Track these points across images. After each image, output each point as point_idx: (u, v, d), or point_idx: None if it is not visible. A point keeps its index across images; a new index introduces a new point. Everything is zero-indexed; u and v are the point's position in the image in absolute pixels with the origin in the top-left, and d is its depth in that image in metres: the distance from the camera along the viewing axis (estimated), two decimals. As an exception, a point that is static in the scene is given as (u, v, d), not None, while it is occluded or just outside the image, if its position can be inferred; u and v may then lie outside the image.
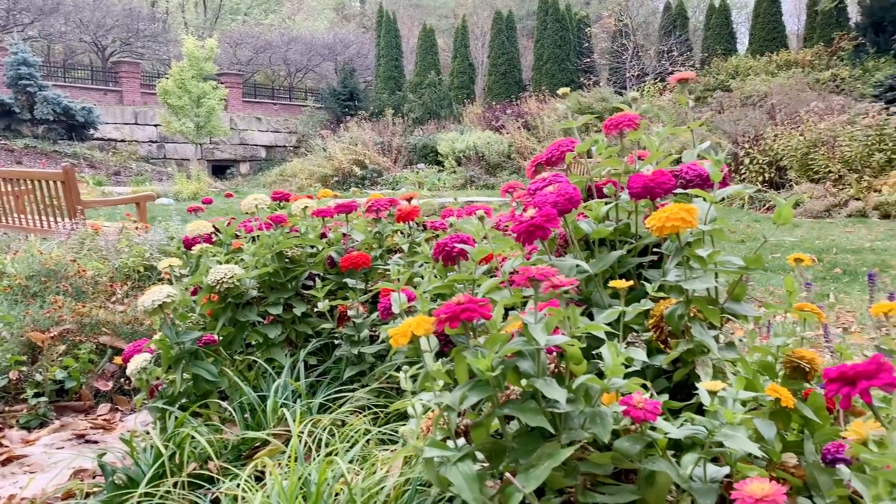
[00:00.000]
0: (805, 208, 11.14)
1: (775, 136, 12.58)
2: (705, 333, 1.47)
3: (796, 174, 11.97)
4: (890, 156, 10.96)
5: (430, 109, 21.38)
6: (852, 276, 6.55)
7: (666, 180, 1.76)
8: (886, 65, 15.59)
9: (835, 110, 12.64)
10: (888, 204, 10.37)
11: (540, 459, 1.14)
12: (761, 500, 1.03)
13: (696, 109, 15.69)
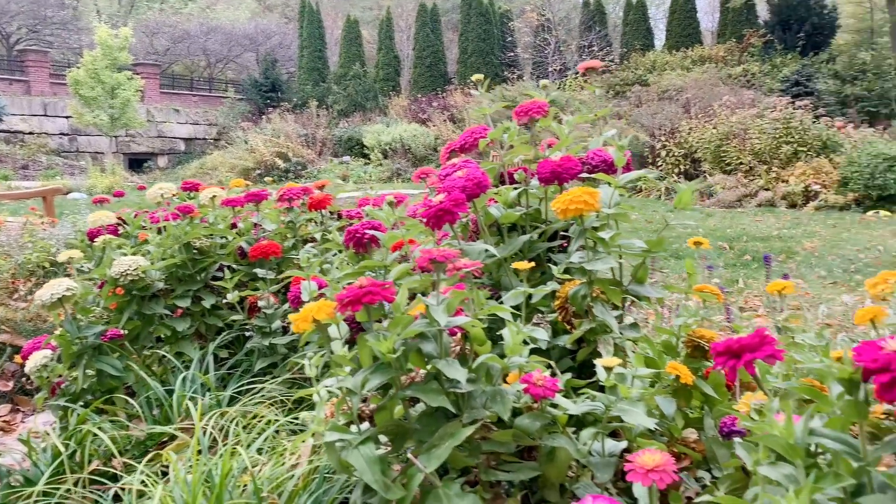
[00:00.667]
0: (718, 199, 11.58)
1: (690, 129, 13.01)
2: (607, 313, 1.50)
3: (710, 166, 12.41)
4: (796, 148, 11.50)
5: (356, 101, 21.18)
6: (761, 262, 6.83)
7: (573, 166, 1.79)
8: (792, 61, 16.33)
9: (745, 104, 13.17)
10: (794, 194, 10.88)
11: (442, 439, 1.14)
12: (652, 470, 1.06)
13: (616, 103, 16.06)
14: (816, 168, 11.07)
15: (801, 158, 11.39)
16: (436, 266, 1.20)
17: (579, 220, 1.57)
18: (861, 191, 10.24)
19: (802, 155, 11.42)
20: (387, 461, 1.18)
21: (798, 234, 8.48)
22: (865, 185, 10.16)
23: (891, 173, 9.90)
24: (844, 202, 10.36)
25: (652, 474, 1.06)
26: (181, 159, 21.40)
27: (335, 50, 24.59)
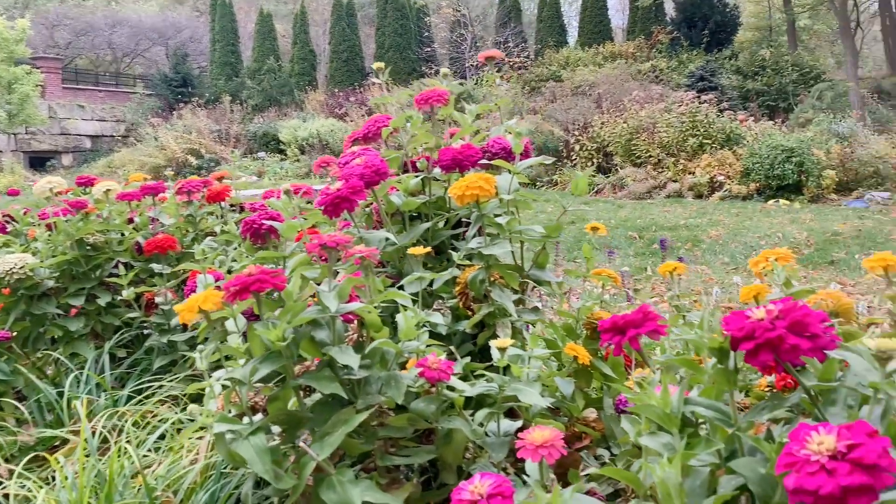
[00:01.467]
0: (629, 191, 11.93)
1: (602, 123, 13.35)
2: (505, 297, 1.52)
3: (621, 159, 12.77)
4: (702, 140, 11.96)
5: (271, 96, 20.76)
6: (668, 250, 7.08)
7: (473, 153, 1.80)
8: (697, 57, 16.98)
9: (654, 99, 13.61)
10: (700, 185, 11.32)
11: (335, 426, 1.13)
12: (541, 445, 1.08)
13: (532, 99, 16.31)
14: (721, 160, 11.55)
15: (706, 151, 11.85)
16: (328, 252, 1.18)
17: (477, 205, 1.59)
18: (762, 181, 10.74)
19: (707, 147, 11.89)
20: (279, 451, 1.16)
21: (704, 223, 8.84)
22: (766, 175, 10.66)
23: (788, 164, 10.43)
24: (747, 192, 10.85)
25: (541, 450, 1.08)
26: (87, 157, 20.46)
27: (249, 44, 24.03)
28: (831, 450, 0.76)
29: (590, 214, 10.19)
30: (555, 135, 13.71)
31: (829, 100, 14.20)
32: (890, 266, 1.47)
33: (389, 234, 1.62)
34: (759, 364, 0.90)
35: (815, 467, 0.75)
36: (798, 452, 0.78)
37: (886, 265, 1.46)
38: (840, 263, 6.25)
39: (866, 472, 0.73)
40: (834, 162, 10.64)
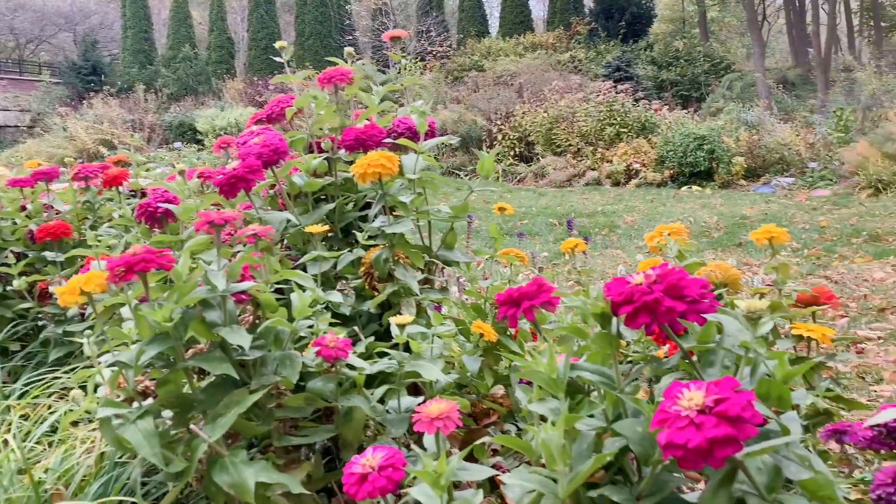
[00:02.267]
0: (550, 179, 12.14)
1: (523, 112, 13.52)
2: (409, 276, 1.52)
3: (542, 148, 12.97)
4: (619, 129, 12.26)
5: (187, 85, 20.13)
6: (586, 236, 7.23)
7: (377, 133, 1.79)
8: (615, 48, 17.40)
9: (573, 89, 13.86)
10: (618, 172, 11.62)
11: (227, 407, 1.10)
12: (437, 417, 1.09)
13: (455, 88, 16.35)
14: (636, 148, 11.87)
15: (623, 139, 12.16)
16: (216, 230, 1.15)
17: (380, 184, 1.58)
18: (676, 168, 11.10)
19: (624, 136, 12.20)
20: (170, 436, 1.13)
21: (620, 209, 9.07)
22: (679, 162, 11.02)
23: (700, 151, 10.81)
24: (661, 179, 11.19)
25: (436, 422, 1.09)
26: (-11, 148, 19.39)
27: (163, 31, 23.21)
28: (700, 405, 0.78)
29: (512, 203, 10.32)
30: (478, 124, 13.80)
31: (739, 89, 14.79)
32: (774, 237, 1.54)
33: (291, 215, 1.59)
34: (638, 326, 0.93)
35: (685, 422, 0.78)
36: (670, 409, 0.81)
37: (771, 237, 1.53)
38: (747, 245, 6.52)
39: (731, 424, 0.76)
40: (743, 149, 11.09)
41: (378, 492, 0.95)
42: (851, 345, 3.17)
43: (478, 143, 13.70)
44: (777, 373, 0.93)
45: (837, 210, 8.02)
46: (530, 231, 7.73)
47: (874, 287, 4.43)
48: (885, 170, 9.01)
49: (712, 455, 0.76)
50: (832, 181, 9.83)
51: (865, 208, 7.95)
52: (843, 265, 5.26)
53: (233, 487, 1.06)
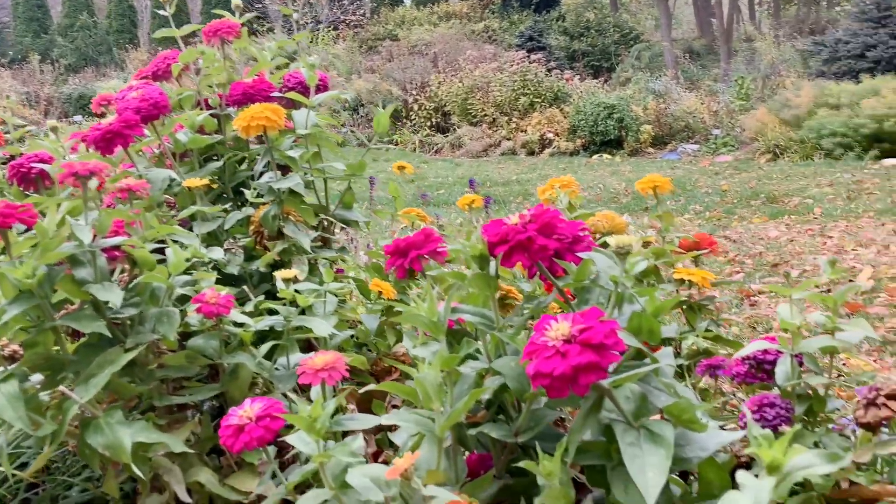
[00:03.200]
0: (466, 149, 12.18)
1: (439, 83, 13.47)
2: (300, 233, 1.49)
3: (458, 118, 12.98)
4: (532, 99, 12.39)
5: (87, 55, 19.12)
6: (501, 204, 7.31)
7: (265, 87, 1.74)
8: (527, 18, 17.51)
9: (487, 59, 13.89)
10: (532, 142, 11.76)
11: (101, 367, 1.06)
12: (322, 369, 1.07)
13: (369, 58, 16.13)
14: (550, 118, 12.03)
15: (536, 109, 12.30)
16: (80, 180, 1.09)
17: (266, 138, 1.53)
18: (587, 137, 11.32)
19: (538, 106, 12.33)
20: (38, 399, 1.08)
21: (534, 177, 9.20)
22: (590, 131, 11.25)
23: (610, 120, 11.06)
24: (574, 148, 11.40)
25: (321, 373, 1.07)
26: None
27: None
28: (566, 335, 0.80)
29: (428, 173, 10.32)
30: (393, 94, 13.67)
31: (647, 59, 15.16)
32: (659, 186, 1.58)
33: (174, 173, 1.52)
34: (512, 265, 0.93)
35: (552, 352, 0.79)
36: (538, 341, 0.82)
37: (655, 186, 1.57)
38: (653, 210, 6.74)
39: (594, 351, 0.78)
40: (651, 118, 11.41)
41: (256, 442, 0.93)
42: (745, 297, 3.33)
43: (394, 113, 13.58)
44: (648, 307, 0.96)
45: (738, 174, 8.36)
46: (447, 201, 7.75)
47: (769, 244, 4.65)
48: (782, 135, 9.45)
49: (577, 382, 0.77)
50: (734, 147, 10.24)
51: (764, 172, 8.33)
52: (741, 225, 5.50)
53: (108, 448, 1.02)
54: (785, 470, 0.56)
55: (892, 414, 0.94)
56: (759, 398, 1.05)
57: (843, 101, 9.23)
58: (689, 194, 7.28)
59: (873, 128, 8.64)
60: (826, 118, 9.08)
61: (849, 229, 4.98)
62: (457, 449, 0.98)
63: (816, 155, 8.97)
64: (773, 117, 9.71)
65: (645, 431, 0.82)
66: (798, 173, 7.98)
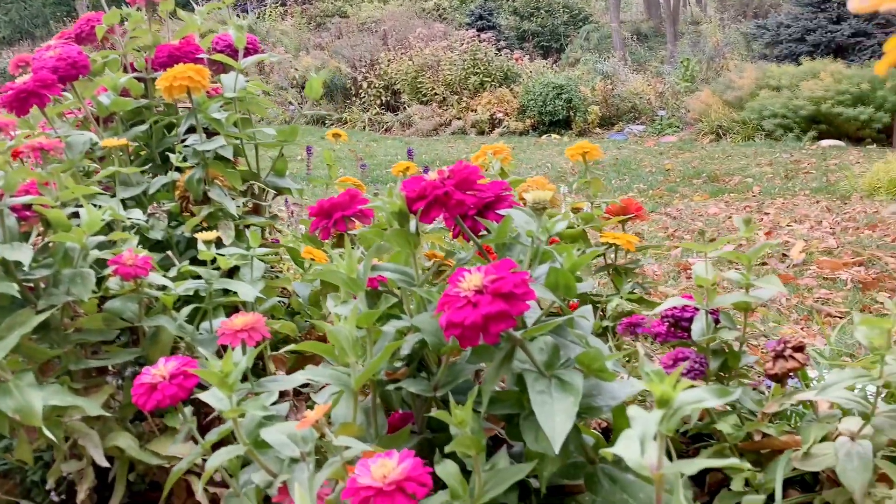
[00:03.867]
0: (416, 128, 12.11)
1: (389, 60, 13.32)
2: (225, 198, 1.46)
3: (408, 97, 12.88)
4: (482, 79, 12.36)
5: (21, 28, 18.36)
6: (449, 181, 7.28)
7: (192, 49, 1.70)
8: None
9: (437, 37, 13.79)
10: (482, 121, 11.76)
11: (10, 329, 1.02)
12: (241, 329, 1.06)
13: (318, 34, 15.87)
14: (500, 98, 12.03)
15: (486, 89, 12.28)
16: (-14, 136, 1.05)
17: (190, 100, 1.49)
18: (536, 117, 11.37)
19: (488, 85, 12.32)
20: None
21: (484, 156, 9.21)
22: (539, 111, 11.29)
23: (559, 101, 11.12)
24: (523, 128, 11.44)
25: (241, 334, 1.06)
26: None
27: (-11, -34, 20.94)
28: (478, 286, 0.80)
29: (377, 151, 10.24)
30: (342, 71, 13.48)
31: (596, 41, 15.27)
32: (588, 153, 1.60)
33: (95, 135, 1.48)
34: (430, 220, 0.93)
35: (463, 302, 0.80)
36: (451, 292, 0.82)
37: (584, 152, 1.59)
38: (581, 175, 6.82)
39: (504, 301, 0.78)
40: (598, 98, 11.50)
41: (168, 400, 0.91)
42: (683, 269, 3.40)
43: (343, 92, 13.42)
44: (566, 263, 0.97)
45: (682, 154, 8.52)
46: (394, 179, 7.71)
47: (707, 221, 4.76)
48: (725, 116, 9.65)
49: (488, 331, 0.78)
50: (679, 128, 10.42)
51: (706, 152, 8.50)
52: (682, 203, 5.61)
53: (18, 412, 0.99)
54: (675, 404, 0.57)
55: (798, 365, 0.97)
56: (675, 353, 1.07)
57: (783, 84, 9.45)
58: (633, 173, 7.38)
59: (811, 109, 8.88)
60: (767, 100, 9.30)
61: (785, 206, 5.13)
62: (377, 405, 0.98)
63: (758, 136, 9.19)
64: (716, 99, 9.90)
65: (556, 380, 0.83)
66: (739, 153, 8.17)
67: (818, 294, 2.95)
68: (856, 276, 3.12)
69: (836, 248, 3.69)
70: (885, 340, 0.84)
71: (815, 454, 0.96)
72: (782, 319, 2.65)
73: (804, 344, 0.99)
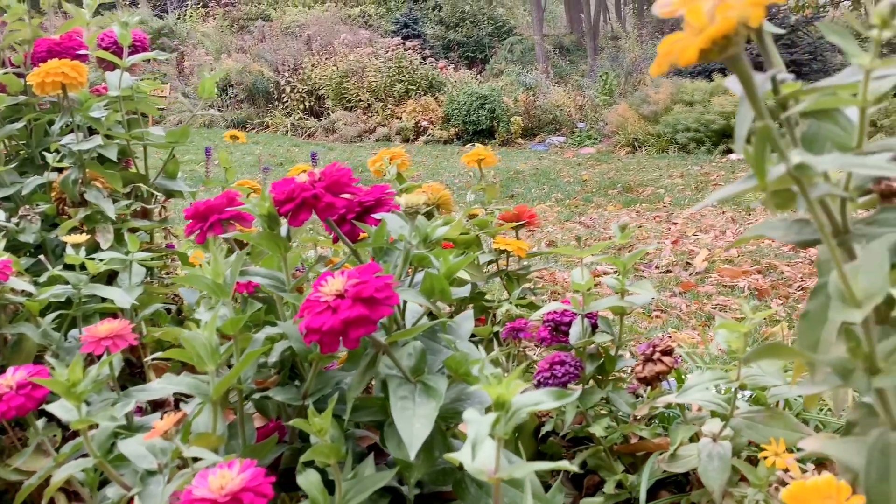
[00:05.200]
0: (340, 134, 12.02)
1: (313, 65, 13.18)
2: (103, 199, 1.40)
3: (333, 102, 12.77)
4: (408, 86, 12.38)
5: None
6: (370, 188, 7.24)
7: (75, 44, 1.63)
8: (404, 5, 17.46)
9: (362, 43, 13.73)
10: (407, 129, 11.76)
11: None
12: (105, 337, 1.01)
13: (240, 37, 15.57)
14: (425, 106, 12.07)
15: (411, 96, 12.31)
16: None
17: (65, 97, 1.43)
18: (461, 126, 11.45)
19: (413, 93, 12.34)
20: None
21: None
22: (464, 121, 11.38)
23: (483, 111, 11.24)
24: (448, 136, 11.50)
25: (104, 341, 1.01)
26: None
27: None
28: (339, 290, 0.78)
29: (299, 157, 10.09)
30: (265, 75, 13.26)
31: (519, 53, 15.52)
32: (483, 160, 1.60)
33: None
34: (300, 223, 0.91)
35: (323, 307, 0.78)
36: (313, 297, 0.80)
37: (479, 159, 1.60)
38: (518, 197, 6.92)
39: (365, 305, 0.77)
40: (521, 109, 11.68)
41: (14, 411, 0.86)
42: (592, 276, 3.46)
43: (265, 96, 13.20)
44: (442, 268, 0.96)
45: (599, 165, 8.73)
46: (315, 184, 7.61)
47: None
48: (641, 129, 9.95)
49: (347, 336, 0.76)
50: (597, 140, 10.68)
51: (622, 164, 8.74)
52: (596, 212, 5.75)
53: None
54: (512, 406, 0.57)
55: (665, 368, 0.99)
56: (552, 357, 1.08)
57: (696, 99, 9.82)
58: (552, 183, 7.52)
59: (722, 124, 9.26)
60: (681, 114, 9.64)
61: (692, 217, 5.31)
62: (245, 415, 0.95)
63: (671, 148, 9.51)
64: (633, 112, 10.20)
65: (421, 385, 0.82)
66: (653, 165, 8.43)
67: (717, 301, 3.06)
68: (752, 284, 3.25)
69: (736, 256, 3.84)
70: (741, 344, 0.87)
71: (681, 455, 0.98)
72: (681, 325, 2.74)
73: (672, 347, 1.01)
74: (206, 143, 9.02)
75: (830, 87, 0.43)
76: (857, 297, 0.40)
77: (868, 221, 0.46)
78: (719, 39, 0.37)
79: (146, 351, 1.43)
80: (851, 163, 0.41)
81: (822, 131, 0.48)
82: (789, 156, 0.41)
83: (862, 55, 0.43)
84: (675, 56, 0.39)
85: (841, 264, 0.42)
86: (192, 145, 9.59)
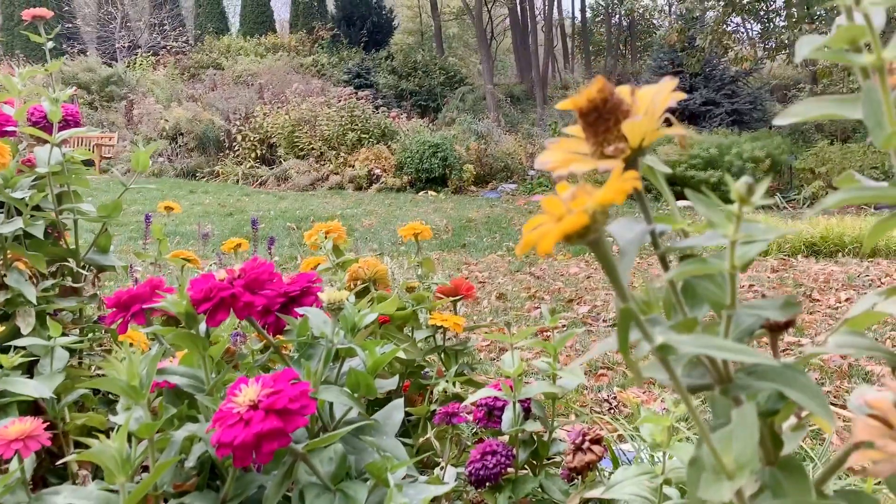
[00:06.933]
0: (293, 183, 11.99)
1: (265, 114, 13.19)
2: (24, 283, 1.35)
3: (285, 151, 12.76)
4: (360, 135, 12.46)
5: None
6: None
7: (2, 120, 1.59)
8: (357, 55, 17.69)
9: (315, 92, 13.83)
10: (360, 177, 11.80)
11: None
12: (16, 439, 0.96)
13: (191, 86, 15.53)
14: (377, 154, 12.14)
15: (364, 145, 12.37)
16: None
17: (-12, 178, 1.39)
18: (413, 174, 11.53)
19: (366, 142, 12.42)
20: None
21: (360, 212, 9.21)
22: (416, 168, 11.47)
23: (435, 159, 11.35)
24: (401, 184, 11.56)
25: (14, 444, 0.96)
26: None
27: None
28: (253, 400, 0.76)
29: (249, 206, 10.01)
30: (215, 124, 13.21)
31: (471, 102, 15.79)
32: (420, 234, 1.60)
33: None
34: (217, 323, 0.89)
35: (235, 419, 0.75)
36: (225, 407, 0.77)
37: (416, 233, 1.60)
38: (470, 246, 6.95)
39: (279, 417, 0.75)
40: (473, 157, 11.84)
41: None
42: (539, 333, 3.48)
43: (216, 144, 13.12)
44: (368, 361, 0.95)
45: (550, 213, 8.85)
46: (266, 235, 7.54)
47: (567, 280, 4.93)
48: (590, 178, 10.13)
49: (260, 450, 0.74)
50: (548, 187, 10.84)
51: (572, 211, 8.87)
52: (546, 263, 5.80)
53: None
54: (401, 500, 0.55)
55: (595, 458, 0.99)
56: (484, 446, 1.07)
57: (641, 147, 10.09)
58: (504, 231, 7.59)
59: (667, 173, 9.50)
60: (627, 162, 9.87)
61: (640, 266, 5.40)
62: (162, 522, 0.91)
63: (619, 196, 9.71)
64: (582, 160, 10.40)
65: (340, 494, 0.80)
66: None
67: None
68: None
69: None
70: (665, 437, 0.87)
71: (614, 548, 0.97)
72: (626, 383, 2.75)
73: (601, 436, 1.01)
74: (153, 194, 8.83)
75: (700, 249, 0.45)
76: (727, 468, 0.40)
77: (748, 371, 0.47)
78: (578, 229, 0.37)
79: (68, 438, 1.37)
80: (713, 345, 0.41)
81: (699, 287, 0.49)
82: (653, 335, 0.42)
83: (726, 225, 0.44)
84: (535, 243, 0.39)
85: (708, 435, 0.42)
86: (138, 195, 9.43)
